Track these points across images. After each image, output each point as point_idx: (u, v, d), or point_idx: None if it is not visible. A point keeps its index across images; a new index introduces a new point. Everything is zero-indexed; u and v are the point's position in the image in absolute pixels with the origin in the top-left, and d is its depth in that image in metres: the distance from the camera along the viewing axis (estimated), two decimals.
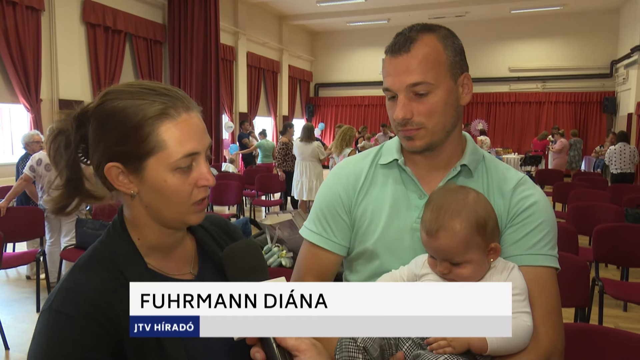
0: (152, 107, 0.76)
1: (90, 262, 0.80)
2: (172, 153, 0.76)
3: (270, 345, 0.72)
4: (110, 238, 0.83)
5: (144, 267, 0.82)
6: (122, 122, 0.76)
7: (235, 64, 11.86)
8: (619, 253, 3.25)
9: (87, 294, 0.74)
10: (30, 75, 6.67)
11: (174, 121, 0.76)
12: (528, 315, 0.87)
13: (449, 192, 0.92)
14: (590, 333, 1.54)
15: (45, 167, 4.18)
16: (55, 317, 0.72)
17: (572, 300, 2.50)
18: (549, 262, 0.96)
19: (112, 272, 0.78)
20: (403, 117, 0.95)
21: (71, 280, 0.77)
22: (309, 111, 16.47)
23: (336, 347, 0.86)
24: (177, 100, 0.78)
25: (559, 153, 10.47)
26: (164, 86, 0.80)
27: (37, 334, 0.73)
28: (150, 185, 0.78)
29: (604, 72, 13.24)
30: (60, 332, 0.71)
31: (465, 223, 0.86)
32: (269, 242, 2.76)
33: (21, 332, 3.46)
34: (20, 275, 4.80)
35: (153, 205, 0.80)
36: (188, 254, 0.91)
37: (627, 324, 3.69)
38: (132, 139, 0.75)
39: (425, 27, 0.97)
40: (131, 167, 0.77)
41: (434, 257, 0.90)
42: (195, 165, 0.79)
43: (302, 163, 6.79)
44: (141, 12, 8.86)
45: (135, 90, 0.77)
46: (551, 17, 13.49)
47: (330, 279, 1.11)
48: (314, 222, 1.10)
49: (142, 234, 0.83)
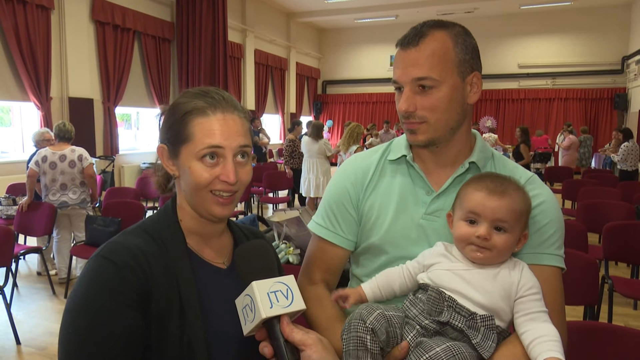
0: (194, 105, 0.88)
1: (137, 229, 0.90)
2: (198, 143, 0.86)
3: (278, 339, 0.74)
4: (160, 214, 0.94)
5: (183, 243, 0.90)
6: (173, 113, 0.90)
7: (243, 61, 11.88)
8: (629, 251, 3.22)
9: (132, 249, 0.83)
10: (40, 73, 6.73)
11: (207, 118, 0.87)
12: (548, 315, 0.88)
13: (503, 175, 0.95)
14: (599, 331, 1.53)
15: (50, 165, 4.19)
16: (101, 262, 0.81)
17: (581, 298, 2.49)
18: (555, 262, 0.97)
19: (156, 240, 0.88)
20: (406, 109, 0.97)
21: (119, 237, 0.87)
22: (317, 108, 16.46)
23: (344, 327, 0.88)
24: (217, 102, 0.88)
25: (567, 150, 10.38)
26: (217, 90, 0.91)
27: (81, 276, 0.82)
28: (182, 170, 0.89)
29: (615, 68, 13.09)
30: (103, 274, 0.80)
31: (524, 198, 0.91)
32: (277, 239, 2.77)
33: (32, 327, 3.50)
34: (32, 271, 4.86)
35: (185, 189, 0.90)
36: (225, 246, 0.99)
37: (637, 322, 3.66)
38: (175, 127, 0.89)
39: (439, 24, 0.98)
40: (172, 151, 0.90)
41: (472, 223, 0.90)
42: (222, 161, 0.87)
43: (310, 160, 6.79)
44: (150, 10, 8.90)
45: (193, 92, 0.91)
46: (561, 12, 13.35)
47: (337, 273, 1.13)
48: (322, 216, 1.12)
49: (184, 216, 0.93)
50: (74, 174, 4.26)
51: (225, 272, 0.95)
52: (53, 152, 4.24)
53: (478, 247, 0.88)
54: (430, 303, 0.88)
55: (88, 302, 0.78)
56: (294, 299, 0.77)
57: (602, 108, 13.59)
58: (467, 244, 0.90)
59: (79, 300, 0.79)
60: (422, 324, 0.87)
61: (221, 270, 0.95)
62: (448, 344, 0.80)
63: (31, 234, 4.31)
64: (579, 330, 1.51)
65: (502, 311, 0.87)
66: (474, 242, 0.88)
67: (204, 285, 0.89)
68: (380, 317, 0.86)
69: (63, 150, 4.25)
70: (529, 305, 0.87)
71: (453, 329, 0.85)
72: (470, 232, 0.89)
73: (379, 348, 0.84)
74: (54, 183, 4.23)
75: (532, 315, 0.86)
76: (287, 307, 0.75)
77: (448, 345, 0.80)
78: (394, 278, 0.98)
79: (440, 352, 0.79)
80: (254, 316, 0.74)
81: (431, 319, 0.87)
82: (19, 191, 5.41)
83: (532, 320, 0.86)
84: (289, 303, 0.76)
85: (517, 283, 0.88)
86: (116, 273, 0.79)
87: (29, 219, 4.19)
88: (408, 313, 0.90)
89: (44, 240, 4.57)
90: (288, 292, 0.77)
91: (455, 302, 0.86)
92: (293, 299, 0.77)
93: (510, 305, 0.88)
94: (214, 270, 0.93)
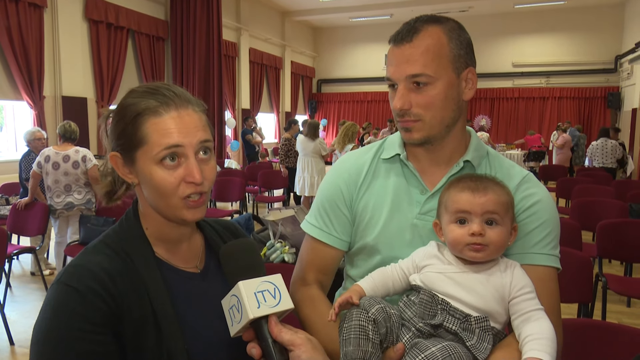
0: (145, 105, 0.81)
1: (100, 245, 0.84)
2: (154, 145, 0.79)
3: (266, 340, 0.73)
4: (122, 225, 0.88)
5: (151, 254, 0.85)
6: (122, 117, 0.82)
7: (238, 60, 11.83)
8: (623, 249, 3.24)
9: (94, 271, 0.78)
10: (33, 72, 6.68)
11: (160, 117, 0.80)
12: (544, 312, 0.86)
13: (479, 174, 0.97)
14: (593, 329, 1.53)
15: (53, 165, 4.12)
16: (63, 290, 0.76)
17: (575, 296, 2.50)
18: (551, 262, 0.95)
19: (120, 255, 0.82)
20: (401, 107, 0.95)
21: (80, 258, 0.81)
22: (312, 107, 16.44)
23: (343, 318, 0.86)
24: (169, 99, 0.82)
25: (561, 148, 10.44)
26: (167, 86, 0.84)
27: (44, 306, 0.77)
28: (142, 177, 0.83)
29: (609, 67, 13.15)
30: (67, 304, 0.75)
31: (506, 191, 0.92)
32: (272, 238, 2.77)
33: (26, 328, 3.48)
34: (25, 271, 4.83)
35: (149, 197, 0.84)
36: (196, 249, 0.94)
37: (630, 319, 3.69)
38: (126, 132, 0.82)
39: (432, 19, 0.96)
40: (127, 158, 0.83)
41: (462, 223, 0.89)
42: (184, 161, 0.81)
43: (305, 159, 6.79)
44: (144, 8, 8.85)
45: (141, 90, 0.84)
46: (555, 11, 13.40)
47: (331, 274, 1.12)
48: (315, 216, 1.10)
49: (149, 224, 0.87)
50: (77, 175, 4.19)
51: (199, 276, 0.90)
52: (56, 152, 4.15)
53: (474, 245, 0.87)
54: (423, 306, 0.87)
55: (53, 333, 0.74)
56: (281, 299, 0.75)
57: (596, 107, 13.65)
58: (463, 245, 0.88)
59: (44, 332, 0.74)
60: (417, 327, 0.86)
61: (195, 275, 0.90)
62: (444, 344, 0.80)
63: (24, 234, 4.28)
64: (573, 327, 1.52)
65: (497, 313, 0.86)
66: (470, 241, 0.87)
67: (178, 294, 0.85)
68: (382, 310, 0.85)
69: (67, 151, 4.18)
70: (522, 306, 0.86)
71: (447, 331, 0.84)
72: (463, 233, 0.88)
73: (378, 340, 0.83)
74: (57, 184, 4.15)
75: (525, 315, 0.85)
76: (274, 306, 0.74)
77: (444, 345, 0.79)
78: (388, 276, 0.96)
79: (436, 351, 0.78)
80: (241, 317, 0.73)
81: (424, 322, 0.86)
82: (12, 190, 5.37)
83: (524, 321, 0.85)
84: (277, 302, 0.75)
85: (510, 284, 0.87)
86: (80, 300, 0.74)
87: (22, 218, 4.15)
88: (403, 315, 0.90)
89: (37, 240, 4.54)
90: (275, 291, 0.76)
91: (448, 304, 0.86)
92: (281, 298, 0.75)
93: (505, 307, 0.87)
94: (188, 276, 0.89)
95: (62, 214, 4.21)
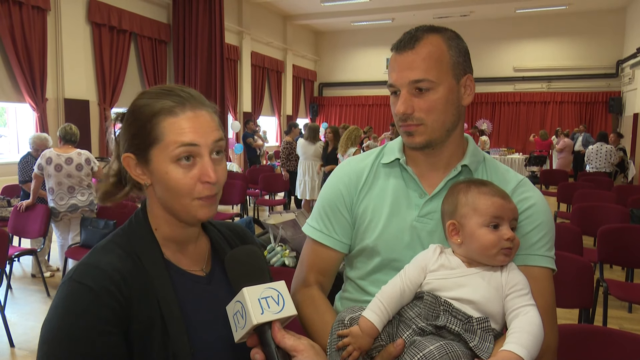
0: (160, 105, 0.82)
1: (109, 245, 0.84)
2: (170, 143, 0.80)
3: (270, 346, 0.74)
4: (131, 225, 0.88)
5: (160, 255, 0.86)
6: (137, 117, 0.83)
7: (240, 63, 11.87)
8: (624, 254, 3.23)
9: (107, 270, 0.78)
10: (36, 75, 6.71)
11: (177, 117, 0.81)
12: (535, 308, 0.87)
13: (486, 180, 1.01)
14: (594, 334, 1.53)
15: (55, 167, 4.11)
16: (76, 287, 0.76)
17: (576, 301, 2.49)
18: (546, 263, 0.99)
19: (130, 255, 0.82)
20: (404, 111, 0.98)
21: (91, 257, 0.81)
22: (313, 111, 16.47)
23: (343, 309, 0.89)
24: (186, 100, 0.83)
25: (561, 152, 10.45)
26: (181, 88, 0.85)
27: (55, 303, 0.77)
28: (156, 177, 0.83)
29: (610, 72, 13.17)
30: (79, 301, 0.75)
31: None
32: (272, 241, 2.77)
33: (27, 330, 3.48)
34: (26, 273, 4.83)
35: (162, 197, 0.85)
36: (202, 252, 0.95)
37: (631, 325, 3.67)
38: (142, 132, 0.82)
39: (431, 28, 1.00)
40: (141, 158, 0.84)
41: (496, 228, 0.90)
42: (199, 161, 0.82)
43: (305, 162, 6.80)
44: (146, 11, 8.89)
45: (155, 91, 0.85)
46: (556, 16, 13.43)
47: (331, 276, 1.14)
48: (316, 219, 1.13)
49: (159, 225, 0.88)
50: (81, 176, 4.19)
51: (205, 279, 0.91)
52: (58, 154, 4.14)
53: (507, 250, 0.90)
54: (426, 308, 0.88)
55: (67, 332, 0.73)
56: (285, 305, 0.76)
57: (597, 111, 13.67)
58: (498, 249, 0.89)
59: (56, 331, 0.74)
60: (419, 326, 0.87)
61: (201, 278, 0.90)
62: (441, 343, 0.81)
63: (25, 236, 4.28)
64: (574, 333, 1.52)
65: (497, 314, 0.87)
66: (505, 245, 0.89)
67: (185, 297, 0.85)
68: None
69: (69, 153, 4.17)
70: (513, 302, 0.87)
71: (449, 332, 0.85)
72: (497, 237, 0.90)
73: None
74: (60, 186, 4.14)
75: (516, 311, 0.86)
76: (278, 313, 0.75)
77: (441, 343, 0.80)
78: (397, 290, 0.91)
79: (434, 350, 0.79)
80: (245, 322, 0.74)
81: (428, 323, 0.87)
82: (14, 192, 5.38)
83: (514, 317, 0.86)
84: (280, 309, 0.76)
85: (505, 282, 0.89)
86: (94, 299, 0.74)
87: (23, 220, 4.16)
88: (404, 314, 0.90)
89: (38, 242, 4.54)
90: (279, 297, 0.77)
91: (451, 306, 0.86)
92: (284, 304, 0.76)
93: (502, 306, 0.88)
94: (194, 279, 0.89)
95: (65, 216, 4.21)
